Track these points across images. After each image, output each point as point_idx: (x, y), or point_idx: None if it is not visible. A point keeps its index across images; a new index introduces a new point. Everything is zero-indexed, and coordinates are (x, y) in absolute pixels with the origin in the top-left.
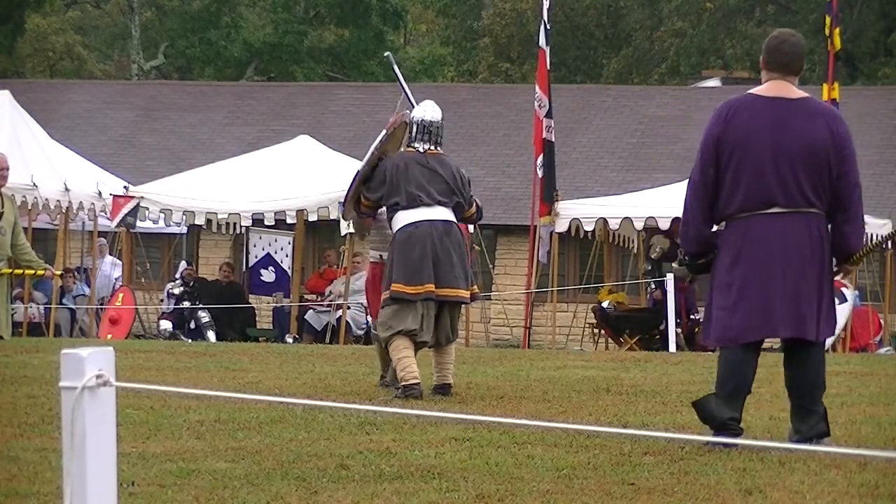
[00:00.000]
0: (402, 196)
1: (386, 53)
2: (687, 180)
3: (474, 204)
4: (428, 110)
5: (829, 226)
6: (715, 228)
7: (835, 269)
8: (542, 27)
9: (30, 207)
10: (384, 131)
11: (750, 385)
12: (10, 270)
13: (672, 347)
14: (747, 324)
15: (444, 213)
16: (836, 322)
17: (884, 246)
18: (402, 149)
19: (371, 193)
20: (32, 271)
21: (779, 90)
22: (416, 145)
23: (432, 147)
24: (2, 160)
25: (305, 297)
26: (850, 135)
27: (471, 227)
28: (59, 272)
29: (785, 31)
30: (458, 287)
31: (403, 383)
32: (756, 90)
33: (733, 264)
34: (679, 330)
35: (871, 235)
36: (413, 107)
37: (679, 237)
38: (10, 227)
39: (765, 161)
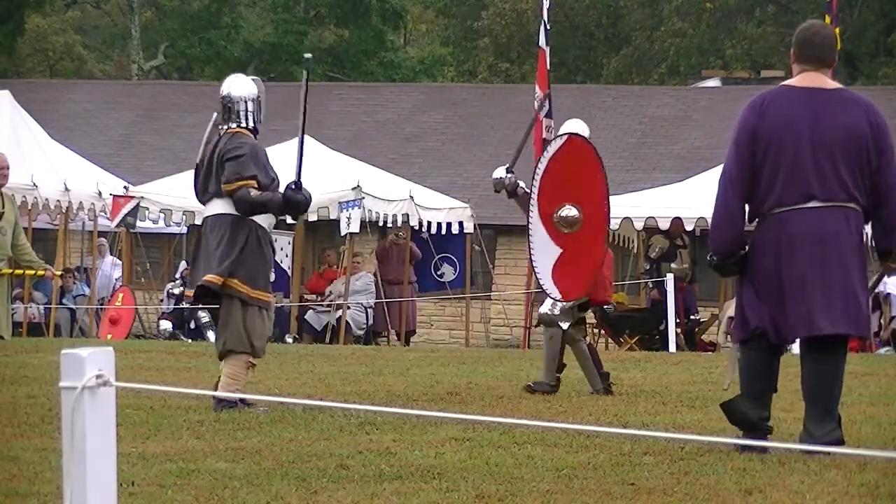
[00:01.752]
0: None
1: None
2: (688, 179)
3: (235, 182)
4: (228, 84)
5: (869, 222)
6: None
7: (880, 266)
8: (542, 27)
9: (30, 207)
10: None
11: (775, 384)
12: (10, 270)
13: (672, 347)
14: (787, 321)
15: (214, 207)
16: (869, 320)
17: None
18: None
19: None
20: (32, 271)
21: (813, 81)
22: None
23: (233, 126)
24: (2, 160)
25: (305, 297)
26: (887, 126)
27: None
28: (59, 272)
29: (816, 23)
30: (198, 282)
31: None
32: (789, 82)
33: (771, 261)
34: (678, 330)
35: None
36: None
37: (710, 238)
38: (11, 226)
39: (802, 153)
